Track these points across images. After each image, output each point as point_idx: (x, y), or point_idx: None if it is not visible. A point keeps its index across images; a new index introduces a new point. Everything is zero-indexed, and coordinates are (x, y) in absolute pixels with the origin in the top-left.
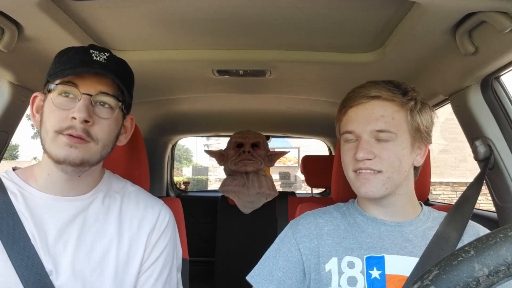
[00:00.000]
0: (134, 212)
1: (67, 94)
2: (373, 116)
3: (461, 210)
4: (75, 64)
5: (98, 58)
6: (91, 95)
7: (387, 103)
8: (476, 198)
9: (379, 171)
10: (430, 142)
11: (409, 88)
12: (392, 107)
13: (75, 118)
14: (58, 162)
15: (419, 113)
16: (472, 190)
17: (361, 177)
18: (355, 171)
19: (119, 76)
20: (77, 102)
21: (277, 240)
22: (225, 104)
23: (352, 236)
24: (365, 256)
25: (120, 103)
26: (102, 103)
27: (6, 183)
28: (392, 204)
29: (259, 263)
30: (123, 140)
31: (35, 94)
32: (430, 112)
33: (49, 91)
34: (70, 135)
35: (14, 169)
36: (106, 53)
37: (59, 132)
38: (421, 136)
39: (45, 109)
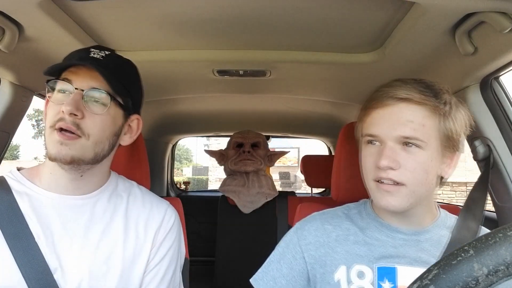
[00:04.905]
0: (140, 212)
1: (63, 91)
2: (400, 121)
3: (472, 214)
4: (71, 61)
5: (95, 55)
6: (83, 90)
7: (417, 107)
8: (485, 200)
9: (402, 184)
10: (462, 152)
11: (444, 89)
12: (423, 111)
13: (64, 112)
14: (50, 159)
15: (452, 119)
16: (479, 192)
17: (382, 188)
18: (376, 181)
19: (114, 73)
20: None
21: (282, 243)
22: (225, 104)
23: (363, 242)
24: (376, 266)
25: (111, 99)
26: (95, 99)
27: (11, 182)
28: (412, 214)
29: (263, 266)
30: (127, 140)
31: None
32: (464, 114)
33: (51, 89)
34: (60, 129)
35: (19, 169)
36: (106, 52)
37: (53, 127)
38: (452, 144)
39: (47, 107)
